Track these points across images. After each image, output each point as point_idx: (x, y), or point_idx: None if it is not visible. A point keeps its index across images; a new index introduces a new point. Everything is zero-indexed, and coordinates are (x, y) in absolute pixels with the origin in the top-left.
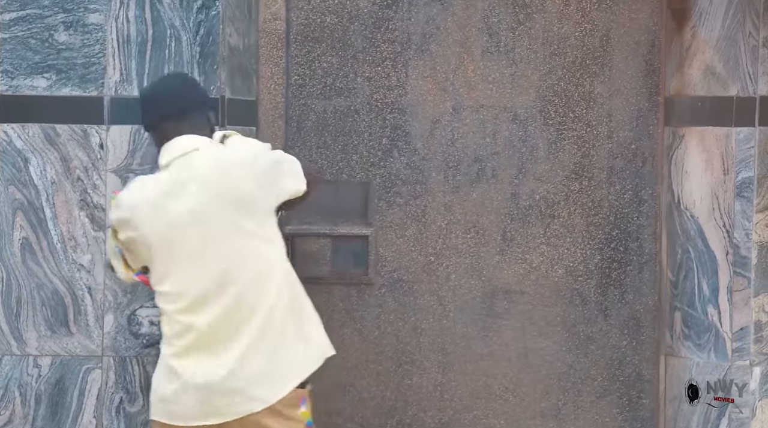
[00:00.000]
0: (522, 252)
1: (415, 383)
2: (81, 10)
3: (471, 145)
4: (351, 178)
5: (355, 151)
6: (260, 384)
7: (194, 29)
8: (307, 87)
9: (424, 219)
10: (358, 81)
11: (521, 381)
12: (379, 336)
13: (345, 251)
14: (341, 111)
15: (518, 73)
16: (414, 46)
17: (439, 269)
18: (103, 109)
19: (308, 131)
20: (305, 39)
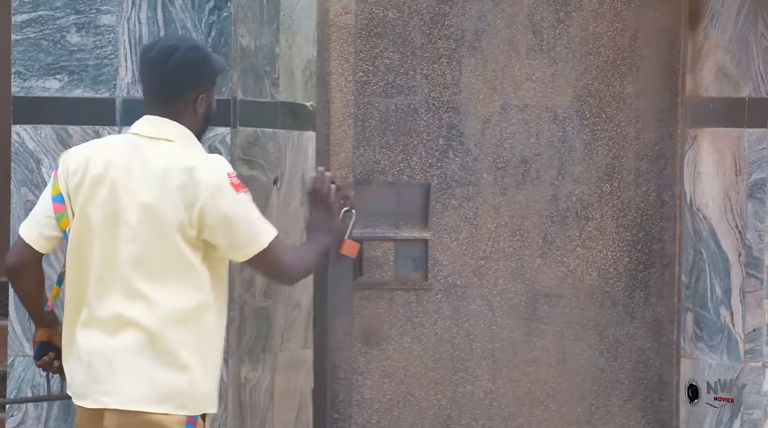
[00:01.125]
0: (560, 255)
1: (468, 391)
2: (93, 12)
3: (517, 145)
4: (411, 180)
5: (414, 151)
6: None
7: (206, 30)
8: (371, 84)
9: (476, 222)
10: (417, 78)
11: (560, 387)
12: (437, 343)
13: (405, 255)
14: (402, 110)
15: (558, 72)
16: (467, 43)
17: (488, 273)
18: (115, 111)
19: (372, 131)
20: (369, 34)
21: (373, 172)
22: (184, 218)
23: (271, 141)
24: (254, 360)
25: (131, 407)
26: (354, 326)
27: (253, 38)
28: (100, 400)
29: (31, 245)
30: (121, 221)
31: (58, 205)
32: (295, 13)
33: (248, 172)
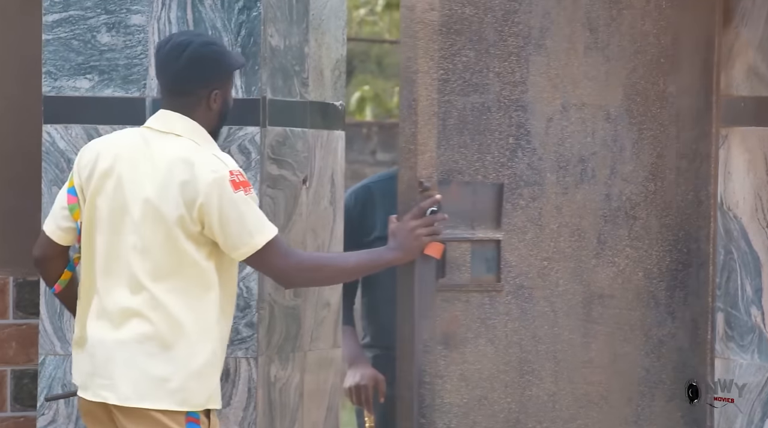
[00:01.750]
0: (612, 255)
1: (534, 393)
2: (123, 12)
3: (576, 144)
4: (485, 179)
5: (488, 150)
6: None
7: (235, 30)
8: (450, 82)
9: (540, 223)
10: (490, 77)
11: (612, 388)
12: (507, 345)
13: (480, 257)
14: (477, 108)
15: (611, 70)
16: (534, 40)
17: (550, 274)
18: (144, 110)
19: (451, 130)
20: (448, 31)
21: (452, 172)
22: (185, 214)
23: (300, 140)
24: (284, 359)
25: (131, 403)
26: (436, 329)
27: (282, 38)
28: (100, 394)
29: (51, 237)
30: (126, 214)
31: (72, 196)
32: (324, 12)
33: (277, 172)
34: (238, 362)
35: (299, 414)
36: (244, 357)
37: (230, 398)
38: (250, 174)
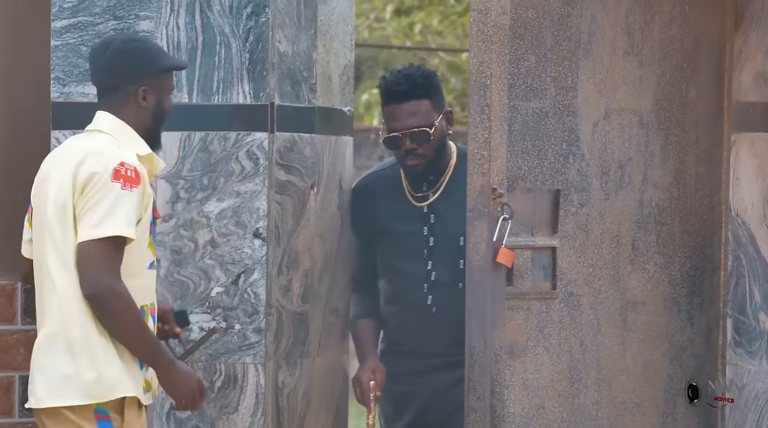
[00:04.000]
0: (643, 262)
1: (581, 402)
2: (132, 18)
3: (616, 150)
4: (542, 186)
5: (545, 156)
6: None
7: (244, 36)
8: (515, 87)
9: (586, 229)
10: (547, 81)
11: (643, 395)
12: (560, 353)
13: (538, 264)
14: (537, 113)
15: (644, 75)
16: (583, 45)
17: (594, 281)
18: None
19: (516, 135)
20: (514, 35)
21: (515, 179)
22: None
23: (308, 146)
24: (291, 365)
25: (45, 404)
26: (504, 338)
27: (290, 43)
28: (30, 400)
29: (22, 252)
30: (45, 216)
31: (30, 208)
32: (333, 18)
33: (285, 177)
34: (245, 368)
35: (307, 420)
36: (251, 363)
37: (238, 404)
38: (258, 179)
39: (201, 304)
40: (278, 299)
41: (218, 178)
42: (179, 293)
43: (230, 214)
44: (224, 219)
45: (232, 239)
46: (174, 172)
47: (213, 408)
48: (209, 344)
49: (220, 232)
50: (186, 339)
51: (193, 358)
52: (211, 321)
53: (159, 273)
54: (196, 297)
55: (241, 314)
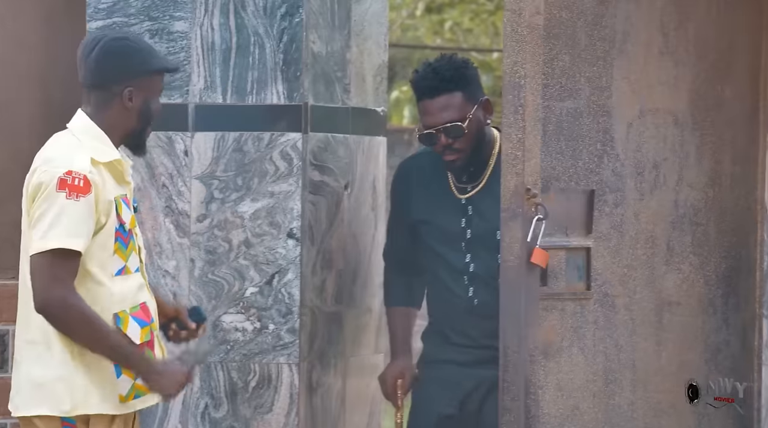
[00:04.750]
0: (678, 262)
1: (617, 402)
2: (166, 18)
3: (651, 150)
4: (577, 186)
5: (579, 156)
6: None
7: (278, 36)
8: (549, 87)
9: (621, 229)
10: (582, 82)
11: (679, 396)
12: (595, 353)
13: (573, 264)
14: (571, 113)
15: (679, 75)
16: (617, 44)
17: (629, 282)
18: (187, 117)
19: (550, 135)
20: (548, 35)
21: (550, 179)
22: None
23: (342, 146)
24: (325, 364)
25: (20, 412)
26: (539, 338)
27: (324, 44)
28: (9, 405)
29: None
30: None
31: None
32: (366, 18)
33: (319, 178)
34: (279, 368)
35: (341, 420)
36: (285, 363)
37: (272, 404)
38: (292, 180)
39: (235, 304)
40: (312, 299)
41: (252, 178)
42: (213, 293)
43: (264, 215)
44: (258, 219)
45: (266, 239)
46: (208, 172)
47: (247, 408)
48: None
49: (254, 232)
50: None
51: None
52: (244, 320)
53: (194, 273)
54: (231, 297)
55: (275, 314)
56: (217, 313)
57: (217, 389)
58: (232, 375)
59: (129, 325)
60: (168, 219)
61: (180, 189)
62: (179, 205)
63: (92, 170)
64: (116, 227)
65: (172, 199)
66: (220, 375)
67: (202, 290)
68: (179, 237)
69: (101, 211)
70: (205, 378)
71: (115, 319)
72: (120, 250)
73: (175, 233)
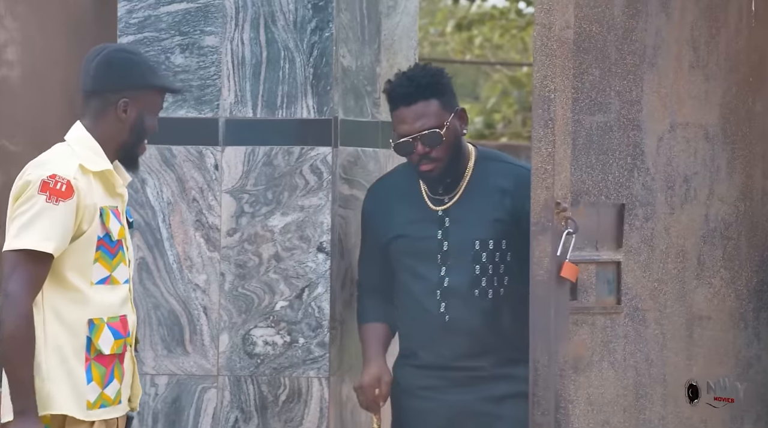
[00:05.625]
0: (709, 277)
1: (647, 417)
2: (197, 33)
3: (681, 164)
4: (607, 200)
5: (609, 170)
6: None
7: (308, 51)
8: (579, 101)
9: (652, 243)
10: (612, 95)
11: (710, 411)
12: (625, 368)
13: (602, 278)
14: (601, 128)
15: (710, 89)
16: (648, 59)
17: (659, 296)
18: (218, 131)
19: (580, 149)
20: (578, 49)
21: (580, 193)
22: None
23: (371, 160)
24: (355, 378)
25: (3, 419)
26: (569, 353)
27: (354, 58)
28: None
29: None
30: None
31: None
32: (396, 33)
33: (349, 192)
34: (309, 382)
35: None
36: (315, 377)
37: (302, 418)
38: (322, 194)
39: (265, 318)
40: (342, 313)
41: (282, 192)
42: (244, 307)
43: (294, 228)
44: (288, 233)
45: (296, 253)
46: (238, 186)
47: (277, 422)
48: (274, 357)
49: (284, 246)
50: None
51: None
52: (274, 334)
53: (224, 287)
54: (261, 311)
55: (305, 328)
56: (247, 327)
57: (247, 403)
58: (262, 389)
59: (102, 334)
60: (198, 234)
61: (210, 203)
62: (209, 219)
63: (77, 176)
64: (100, 236)
65: (203, 213)
66: (251, 389)
67: (232, 304)
68: (209, 251)
69: (83, 218)
70: (235, 392)
71: (89, 325)
72: (103, 259)
73: (205, 247)
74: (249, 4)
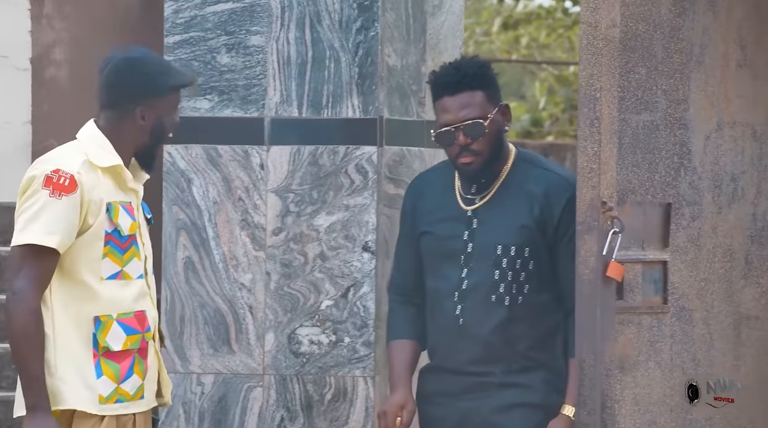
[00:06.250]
0: (757, 276)
1: (694, 417)
2: (243, 33)
3: (728, 163)
4: (653, 199)
5: (656, 169)
6: None
7: (353, 50)
8: (625, 100)
9: (698, 243)
10: (658, 94)
11: (758, 411)
12: (672, 368)
13: (649, 278)
14: (647, 127)
15: (757, 88)
16: (695, 57)
17: (706, 295)
18: (263, 130)
19: (626, 148)
20: (624, 48)
21: (626, 192)
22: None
23: (417, 159)
24: None
25: (16, 413)
26: (615, 352)
27: (399, 57)
28: None
29: None
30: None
31: None
32: (441, 32)
33: (394, 191)
34: (355, 381)
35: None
36: (361, 376)
37: (348, 417)
38: (367, 193)
39: (311, 317)
40: (387, 312)
41: (328, 191)
42: (289, 306)
43: (339, 228)
44: (333, 232)
45: (341, 252)
46: (284, 185)
47: (323, 421)
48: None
49: (329, 246)
50: None
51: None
52: (320, 333)
53: (269, 286)
54: (306, 310)
55: (350, 327)
56: (292, 326)
57: (293, 402)
58: (307, 388)
59: (110, 331)
60: (244, 233)
61: (256, 202)
62: (255, 218)
63: (81, 171)
64: (108, 231)
65: (248, 212)
66: (296, 388)
67: (278, 303)
68: (255, 250)
69: (89, 212)
70: (281, 391)
71: (95, 322)
72: (113, 255)
73: (251, 246)
74: (294, 3)
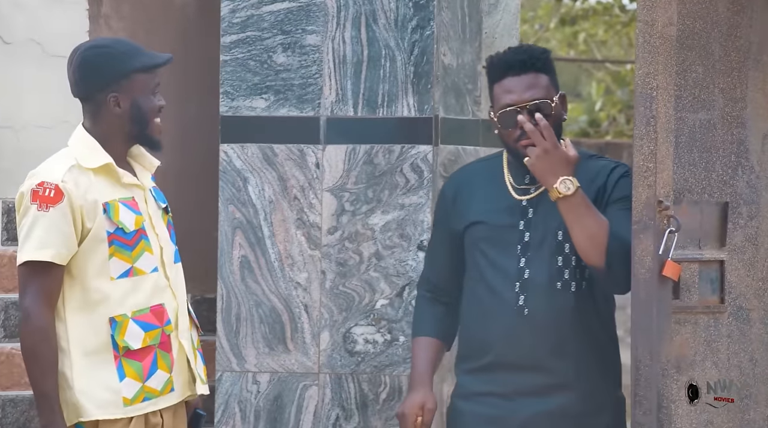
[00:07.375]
0: None
1: (751, 417)
2: (299, 32)
3: None
4: (710, 198)
5: (713, 168)
6: None
7: (408, 49)
8: (682, 99)
9: (757, 242)
10: (715, 92)
11: None
12: (729, 368)
13: (705, 277)
14: (704, 125)
15: None
16: (752, 55)
17: (765, 295)
18: (319, 129)
19: (683, 147)
20: (681, 46)
21: (682, 191)
22: None
23: (472, 158)
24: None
25: None
26: (671, 352)
27: (455, 56)
28: None
29: None
30: None
31: None
32: (497, 30)
33: None
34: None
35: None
36: None
37: None
38: (423, 192)
39: (366, 316)
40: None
41: (383, 190)
42: (344, 305)
43: (395, 227)
44: (389, 231)
45: (396, 251)
46: (339, 184)
47: (378, 420)
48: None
49: (384, 245)
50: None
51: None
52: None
53: (325, 285)
54: (361, 309)
55: (405, 326)
56: (348, 325)
57: (348, 401)
58: (362, 387)
59: (128, 330)
60: (299, 232)
61: (311, 201)
62: (310, 217)
63: (65, 179)
64: (110, 231)
65: (304, 211)
66: (351, 387)
67: (333, 302)
68: (310, 249)
69: (84, 217)
70: (336, 389)
71: (111, 324)
72: (120, 253)
73: (306, 245)
74: (350, 3)
